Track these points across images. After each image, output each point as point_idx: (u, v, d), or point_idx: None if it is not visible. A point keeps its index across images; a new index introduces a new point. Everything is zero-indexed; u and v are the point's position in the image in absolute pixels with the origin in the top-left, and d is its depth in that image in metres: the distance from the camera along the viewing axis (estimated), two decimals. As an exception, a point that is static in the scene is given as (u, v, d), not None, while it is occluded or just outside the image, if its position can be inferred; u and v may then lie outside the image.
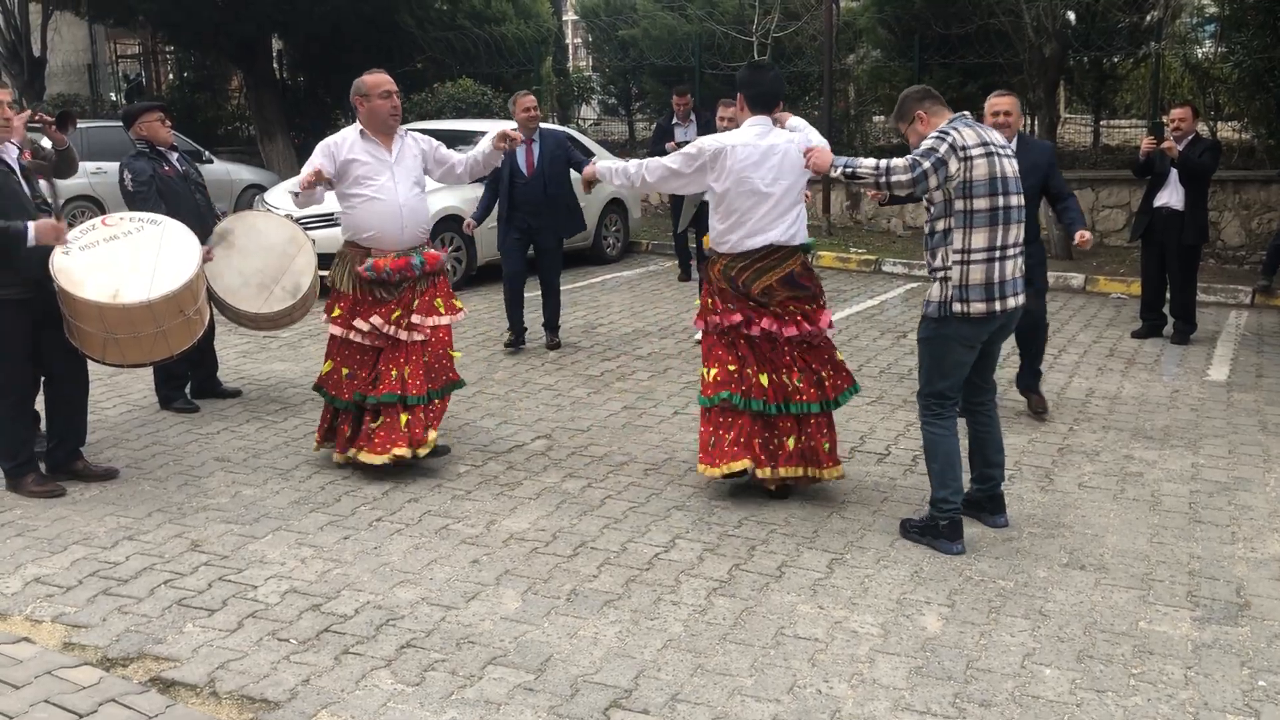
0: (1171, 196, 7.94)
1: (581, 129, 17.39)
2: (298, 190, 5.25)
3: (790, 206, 4.80)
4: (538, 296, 8.20)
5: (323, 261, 6.54)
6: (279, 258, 6.33)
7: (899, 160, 4.26)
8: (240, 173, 15.05)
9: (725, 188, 4.75)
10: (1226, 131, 13.22)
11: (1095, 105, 14.37)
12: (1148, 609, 3.95)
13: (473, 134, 11.04)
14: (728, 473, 4.83)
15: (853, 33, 15.59)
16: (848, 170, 4.36)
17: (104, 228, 5.16)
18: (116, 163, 6.32)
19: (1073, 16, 12.56)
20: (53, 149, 5.56)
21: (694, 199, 8.29)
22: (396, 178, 5.31)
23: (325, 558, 4.38)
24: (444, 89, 15.92)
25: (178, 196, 6.19)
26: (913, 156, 4.24)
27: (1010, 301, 4.38)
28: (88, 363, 5.19)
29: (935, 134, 4.25)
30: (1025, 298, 4.51)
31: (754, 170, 4.69)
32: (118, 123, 11.35)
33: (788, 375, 4.83)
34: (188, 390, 6.53)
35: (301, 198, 5.29)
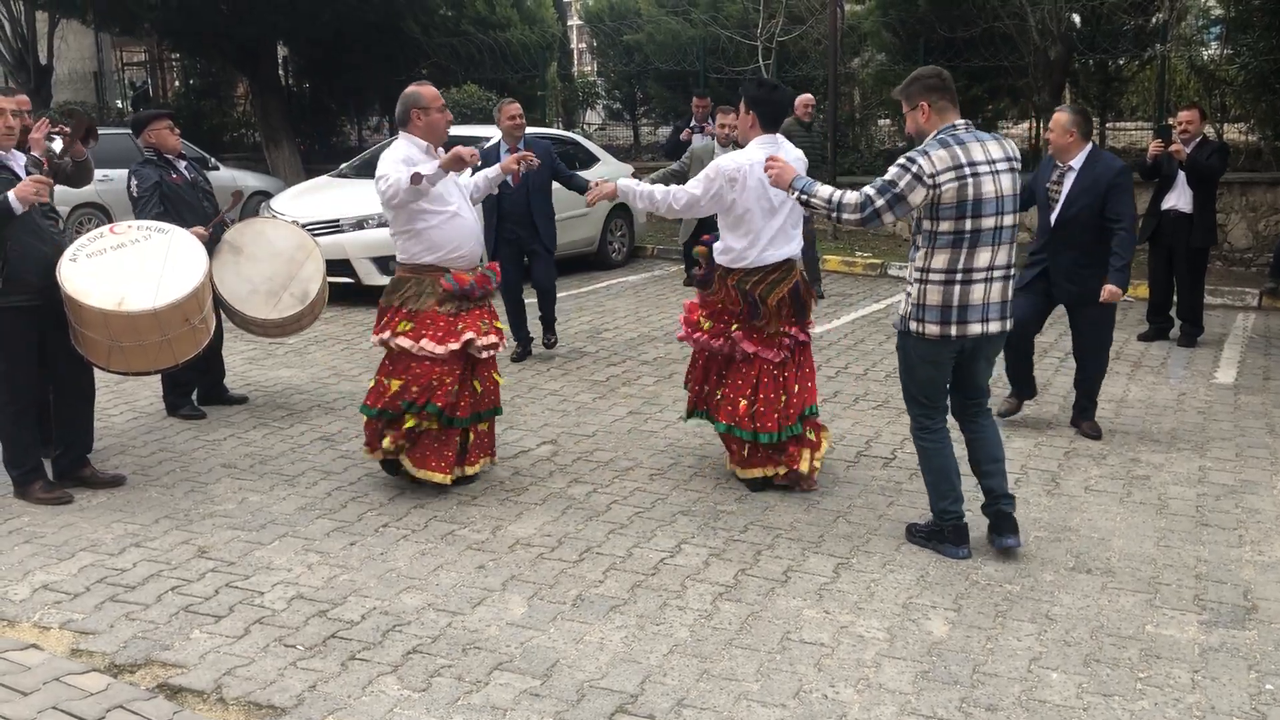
0: (1179, 199, 7.92)
1: (586, 134, 17.42)
2: (426, 173, 4.74)
3: (798, 221, 5.04)
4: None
5: (330, 269, 6.58)
6: (287, 264, 6.34)
7: (852, 196, 4.15)
8: (246, 179, 15.07)
9: (746, 206, 4.87)
10: (1233, 133, 13.20)
11: (1101, 108, 14.36)
12: (1154, 613, 3.94)
13: (478, 139, 11.05)
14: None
15: (857, 36, 15.61)
16: (803, 196, 4.26)
17: (112, 236, 5.18)
18: (122, 170, 6.34)
19: (1078, 19, 12.56)
20: (70, 159, 5.60)
21: None
22: (464, 192, 5.19)
23: (332, 564, 4.39)
24: (449, 95, 15.91)
25: (185, 204, 6.20)
26: (867, 192, 4.11)
27: (975, 328, 4.17)
28: (94, 369, 5.22)
29: (904, 160, 4.05)
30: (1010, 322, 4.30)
31: (768, 188, 4.74)
32: (124, 130, 11.43)
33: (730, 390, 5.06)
34: (194, 397, 6.55)
35: (429, 179, 4.75)
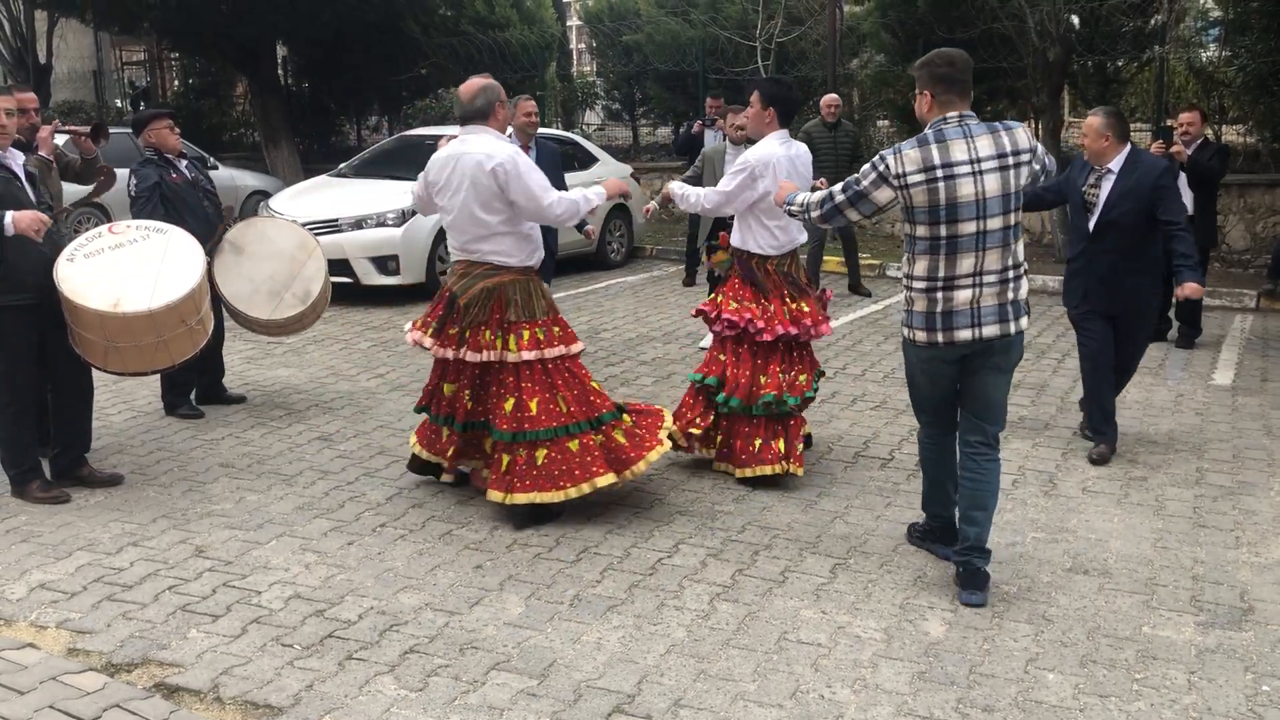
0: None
1: (586, 134, 17.42)
2: (598, 204, 4.95)
3: None
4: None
5: (329, 269, 6.58)
6: (289, 263, 6.34)
7: (817, 196, 4.19)
8: (245, 179, 15.08)
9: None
10: (1231, 135, 13.20)
11: (1100, 108, 14.35)
12: (1151, 614, 3.94)
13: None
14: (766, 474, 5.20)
15: (856, 37, 15.60)
16: (788, 207, 4.40)
17: (110, 235, 5.18)
18: (123, 170, 6.33)
19: (1076, 21, 12.55)
20: (80, 157, 5.61)
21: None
22: None
23: (329, 563, 4.39)
24: (449, 95, 15.97)
25: (186, 203, 6.20)
26: (833, 189, 4.11)
27: (964, 334, 3.89)
28: (92, 369, 5.22)
29: (876, 157, 3.92)
30: (1012, 325, 3.93)
31: (794, 176, 5.13)
32: (123, 129, 11.41)
33: (784, 371, 5.27)
34: (192, 396, 6.55)
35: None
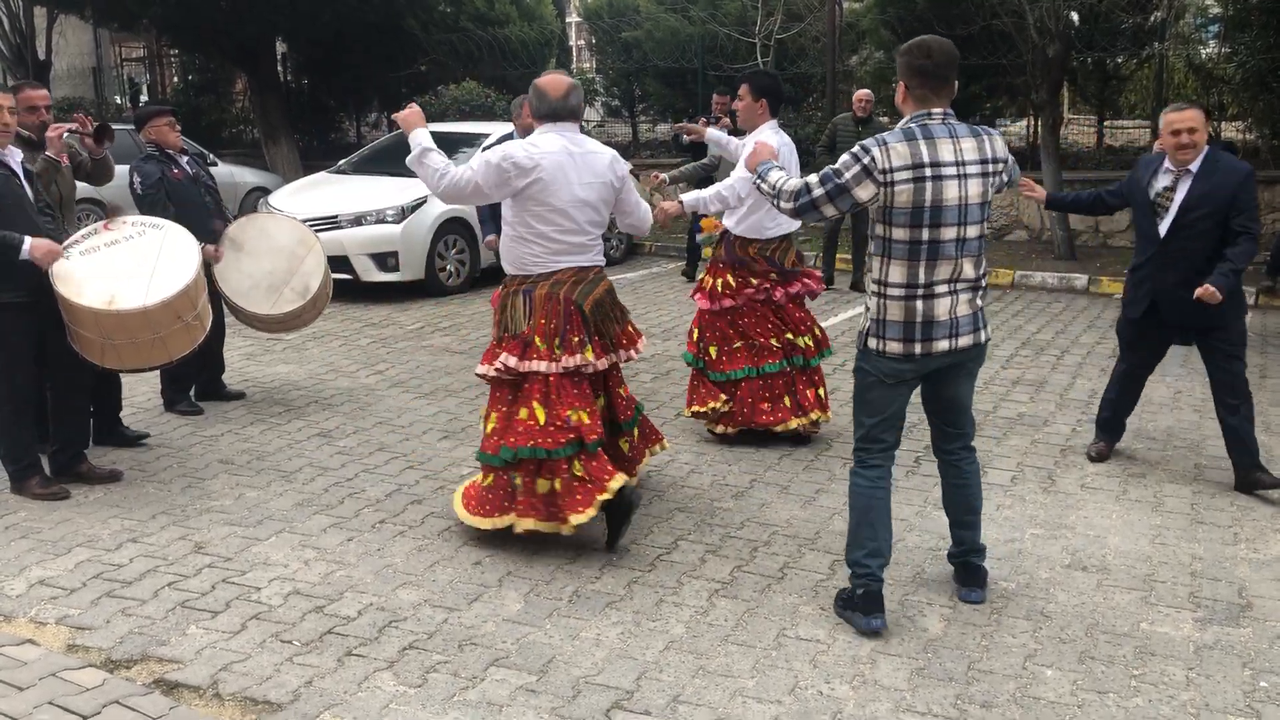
0: None
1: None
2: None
3: None
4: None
5: (329, 265, 6.58)
6: (288, 259, 6.34)
7: (793, 184, 3.77)
8: (244, 175, 15.07)
9: None
10: (1230, 132, 13.21)
11: (1099, 106, 14.37)
12: (1150, 610, 3.95)
13: (477, 136, 11.08)
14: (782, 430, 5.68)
15: (855, 34, 15.60)
16: (758, 180, 3.96)
17: (106, 232, 5.16)
18: (123, 166, 6.33)
19: (1076, 17, 12.55)
20: (89, 157, 5.62)
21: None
22: None
23: (328, 560, 4.40)
24: (448, 91, 15.94)
25: (187, 200, 6.20)
26: (809, 180, 3.73)
27: (941, 344, 3.67)
28: (91, 366, 5.21)
29: (858, 147, 3.59)
30: (980, 334, 3.76)
31: (793, 168, 5.48)
32: (123, 126, 11.41)
33: (794, 335, 5.71)
34: (192, 393, 6.55)
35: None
